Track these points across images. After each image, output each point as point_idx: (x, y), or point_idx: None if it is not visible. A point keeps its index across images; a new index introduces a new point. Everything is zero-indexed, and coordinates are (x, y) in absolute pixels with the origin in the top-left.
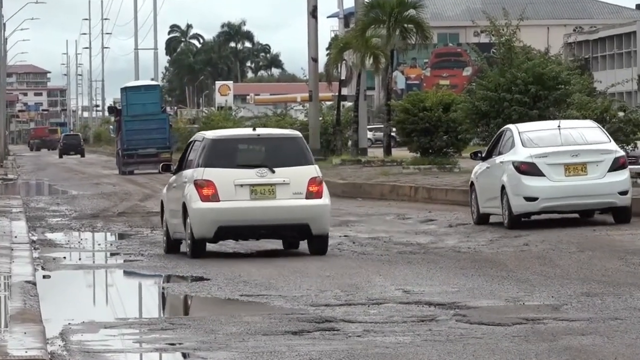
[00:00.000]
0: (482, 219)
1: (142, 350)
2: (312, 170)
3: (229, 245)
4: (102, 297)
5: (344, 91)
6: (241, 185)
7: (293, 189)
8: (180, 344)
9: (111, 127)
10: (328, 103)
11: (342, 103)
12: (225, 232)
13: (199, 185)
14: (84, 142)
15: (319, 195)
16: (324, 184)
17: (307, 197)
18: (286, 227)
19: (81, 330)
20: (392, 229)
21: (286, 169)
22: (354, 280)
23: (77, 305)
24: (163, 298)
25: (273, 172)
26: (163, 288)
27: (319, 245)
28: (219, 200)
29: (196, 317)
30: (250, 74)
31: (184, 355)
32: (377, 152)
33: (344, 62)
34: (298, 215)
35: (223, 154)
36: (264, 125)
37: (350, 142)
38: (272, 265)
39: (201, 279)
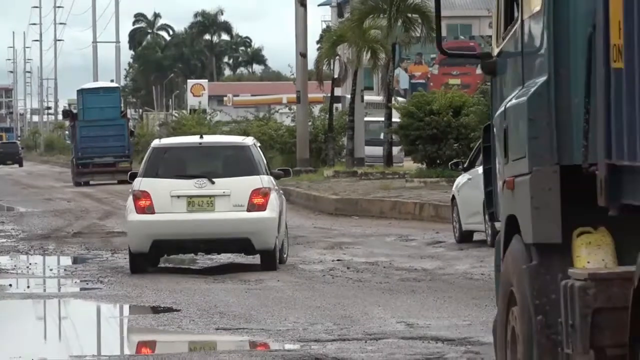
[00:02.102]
0: (465, 237)
1: None
2: (257, 181)
3: (201, 273)
4: (54, 331)
5: (338, 92)
6: (178, 197)
7: (234, 201)
8: None
9: (66, 132)
10: (319, 105)
11: (335, 105)
12: (161, 246)
13: (135, 196)
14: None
15: (262, 207)
16: (271, 195)
17: (249, 210)
18: (226, 242)
19: None
20: (393, 252)
21: (227, 180)
22: (348, 311)
23: (25, 340)
24: (125, 333)
25: (212, 182)
26: (125, 321)
27: (266, 262)
28: (154, 213)
29: (164, 355)
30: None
31: None
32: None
33: (337, 57)
34: (238, 229)
35: (164, 164)
36: (244, 132)
37: (344, 151)
38: (253, 294)
39: (170, 309)
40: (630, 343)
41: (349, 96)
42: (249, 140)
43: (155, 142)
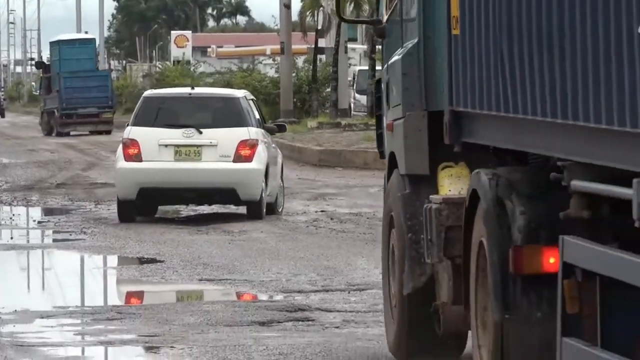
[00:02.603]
0: None
1: (84, 344)
2: (244, 133)
3: (185, 224)
4: (37, 283)
5: (322, 43)
6: (165, 146)
7: (220, 152)
8: (129, 336)
9: (33, 83)
10: (303, 57)
11: (319, 57)
12: (148, 194)
13: (124, 144)
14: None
15: (248, 159)
16: (259, 147)
17: (235, 161)
18: (212, 191)
19: (13, 320)
20: (376, 203)
21: (215, 130)
22: (331, 262)
23: (8, 291)
24: (109, 283)
25: (200, 133)
26: (109, 272)
27: (252, 213)
28: (142, 161)
29: (148, 306)
30: (211, 23)
31: (134, 349)
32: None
33: (321, 8)
34: (224, 179)
35: (153, 113)
36: (228, 83)
37: (328, 102)
38: (236, 245)
39: (154, 260)
40: (478, 252)
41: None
42: (240, 93)
43: (147, 92)
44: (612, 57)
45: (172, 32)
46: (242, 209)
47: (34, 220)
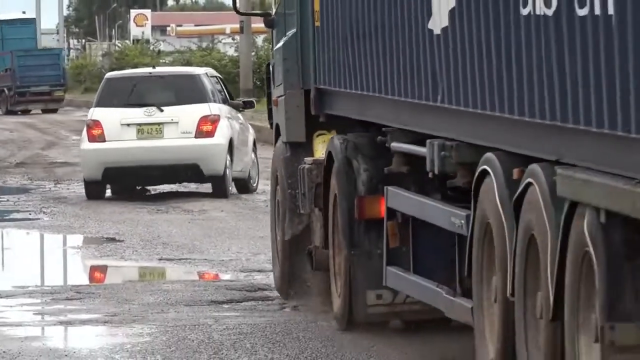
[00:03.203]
0: None
1: (43, 324)
2: (205, 109)
3: (145, 203)
4: None
5: None
6: (128, 125)
7: (182, 128)
8: (88, 315)
9: None
10: (262, 36)
11: None
12: (113, 173)
13: (88, 125)
14: None
15: (210, 134)
16: (221, 122)
17: (196, 136)
18: (175, 168)
19: None
20: None
21: (176, 108)
22: None
23: None
24: (68, 263)
25: (161, 111)
26: (68, 251)
27: (217, 188)
28: (105, 141)
29: (107, 285)
30: (170, 2)
31: (93, 329)
32: None
33: None
34: (186, 155)
35: (115, 94)
36: (187, 62)
37: None
38: (196, 225)
39: (113, 240)
40: (334, 203)
41: None
42: (201, 70)
43: (109, 74)
44: (425, 46)
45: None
46: (206, 188)
47: None
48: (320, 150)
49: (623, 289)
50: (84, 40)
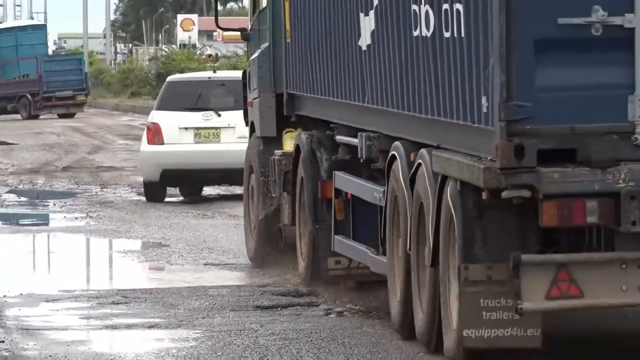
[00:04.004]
0: None
1: (89, 328)
2: None
3: (191, 208)
4: (43, 266)
5: None
6: (186, 129)
7: (238, 133)
8: (134, 320)
9: None
10: None
11: None
12: (170, 176)
13: (148, 128)
14: None
15: None
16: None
17: None
18: (231, 172)
19: (19, 304)
20: None
21: (233, 113)
22: None
23: (14, 275)
24: (114, 267)
25: (219, 115)
26: (114, 255)
27: None
28: (164, 144)
29: (153, 290)
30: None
31: (139, 333)
32: None
33: None
34: (242, 159)
35: (176, 97)
36: (234, 67)
37: None
38: (242, 230)
39: (159, 245)
40: (301, 186)
41: None
42: None
43: (170, 77)
44: (356, 59)
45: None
46: None
47: (40, 204)
48: (288, 144)
49: (473, 239)
50: (130, 45)
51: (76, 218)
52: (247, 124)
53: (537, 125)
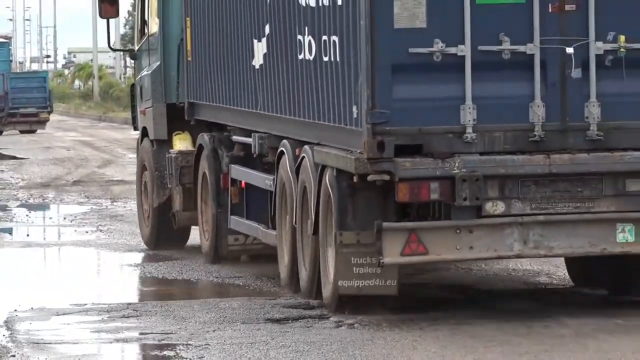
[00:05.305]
0: None
1: (100, 341)
2: None
3: None
4: (54, 280)
5: None
6: None
7: None
8: (145, 333)
9: None
10: None
11: None
12: None
13: None
14: None
15: None
16: None
17: None
18: None
19: (30, 317)
20: None
21: None
22: None
23: (24, 288)
24: (125, 281)
25: None
26: (125, 269)
27: None
28: None
29: (164, 303)
30: None
31: (150, 347)
32: None
33: None
34: None
35: None
36: None
37: None
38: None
39: (170, 258)
40: (203, 179)
41: None
42: None
43: None
44: (250, 76)
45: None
46: None
47: (50, 218)
48: (177, 145)
49: (346, 212)
50: None
51: (86, 232)
52: (135, 129)
53: (394, 127)
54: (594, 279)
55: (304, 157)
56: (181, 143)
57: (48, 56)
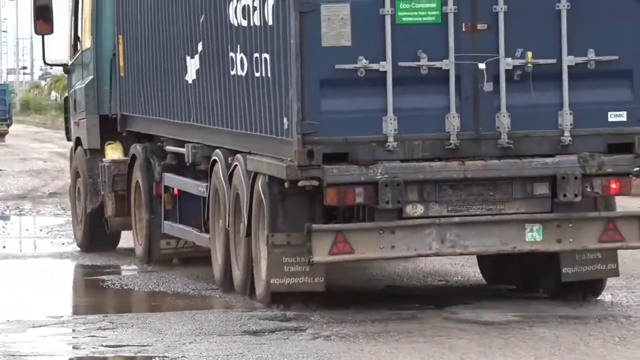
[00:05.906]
0: None
1: (77, 354)
2: None
3: None
4: (30, 292)
5: None
6: None
7: None
8: (122, 346)
9: None
10: None
11: None
12: None
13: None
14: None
15: None
16: None
17: None
18: None
19: (6, 330)
20: None
21: None
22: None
23: (0, 301)
24: (102, 293)
25: None
26: (103, 281)
27: None
28: None
29: (140, 315)
30: None
31: (127, 359)
32: None
33: None
34: None
35: None
36: None
37: None
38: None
39: (147, 271)
40: (136, 187)
41: None
42: None
43: None
44: (184, 90)
45: None
46: None
47: (27, 230)
48: (110, 154)
49: (278, 216)
50: None
51: (63, 244)
52: (68, 139)
53: (322, 137)
54: (506, 276)
55: (236, 165)
56: (113, 152)
57: (24, 67)
